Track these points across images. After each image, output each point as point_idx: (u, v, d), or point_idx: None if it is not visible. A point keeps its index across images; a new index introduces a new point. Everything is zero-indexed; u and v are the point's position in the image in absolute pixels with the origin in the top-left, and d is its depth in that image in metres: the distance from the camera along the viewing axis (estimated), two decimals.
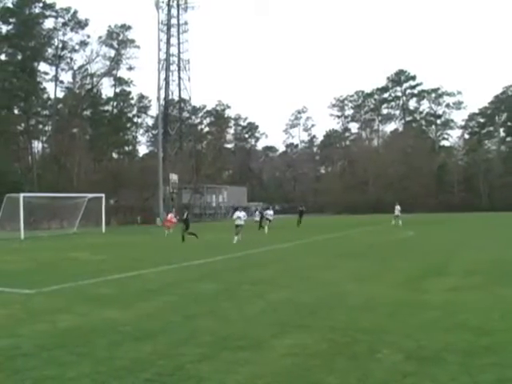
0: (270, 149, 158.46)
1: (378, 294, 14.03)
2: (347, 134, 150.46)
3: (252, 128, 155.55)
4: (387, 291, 14.35)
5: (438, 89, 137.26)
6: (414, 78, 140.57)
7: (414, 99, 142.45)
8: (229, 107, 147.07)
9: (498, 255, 23.08)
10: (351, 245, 31.36)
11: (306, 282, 16.45)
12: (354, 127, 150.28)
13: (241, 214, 33.95)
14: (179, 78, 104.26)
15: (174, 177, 73.25)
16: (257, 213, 55.91)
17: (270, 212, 49.26)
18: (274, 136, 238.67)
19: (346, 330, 10.15)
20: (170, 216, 46.72)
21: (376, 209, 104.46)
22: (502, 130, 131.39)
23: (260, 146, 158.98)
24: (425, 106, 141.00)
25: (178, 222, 44.63)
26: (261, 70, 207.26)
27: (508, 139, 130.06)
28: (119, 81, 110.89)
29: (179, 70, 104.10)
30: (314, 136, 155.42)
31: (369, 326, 10.47)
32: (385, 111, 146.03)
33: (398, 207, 55.01)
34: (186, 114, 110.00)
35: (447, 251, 25.62)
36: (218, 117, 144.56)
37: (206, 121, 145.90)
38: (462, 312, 11.60)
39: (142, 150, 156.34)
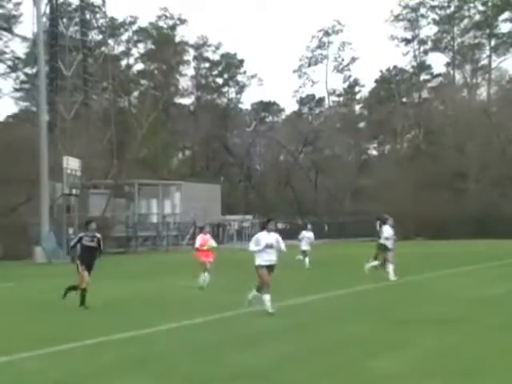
0: (267, 107, 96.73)
1: None
2: (425, 77, 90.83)
3: (231, 65, 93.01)
4: None
5: None
6: None
7: None
8: (183, 22, 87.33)
9: None
10: (435, 299, 16.74)
11: (335, 376, 8.37)
12: (438, 62, 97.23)
13: (272, 238, 14.57)
14: None
15: (72, 163, 42.51)
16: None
17: (309, 234, 30.95)
18: (274, 84, 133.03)
19: None
20: (204, 237, 21.48)
21: (483, 228, 62.41)
22: None
23: (248, 101, 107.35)
24: None
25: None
26: None
27: None
28: None
29: None
30: (357, 82, 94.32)
31: None
32: (505, 27, 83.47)
33: None
34: (95, 35, 68.04)
35: None
36: (162, 42, 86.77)
37: (138, 49, 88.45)
38: None
39: (4, 106, 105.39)
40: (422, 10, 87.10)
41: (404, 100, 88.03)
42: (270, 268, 14.23)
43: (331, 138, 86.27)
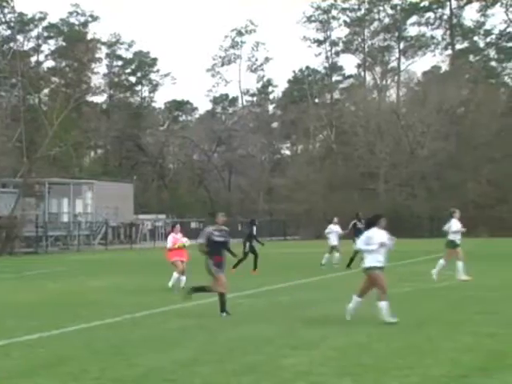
0: (181, 106, 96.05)
1: None
2: (336, 78, 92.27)
3: (144, 63, 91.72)
4: None
5: None
6: None
7: (475, 5, 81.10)
8: (95, 19, 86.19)
9: None
10: (345, 300, 13.54)
11: (249, 374, 8.26)
12: (349, 63, 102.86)
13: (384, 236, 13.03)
14: None
15: None
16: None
17: (337, 228, 28.58)
18: (188, 83, 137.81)
19: None
20: (175, 236, 19.85)
21: (392, 227, 65.30)
22: None
23: (161, 100, 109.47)
24: (496, 18, 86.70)
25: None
26: None
27: None
28: None
29: None
30: (270, 82, 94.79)
31: None
32: (413, 31, 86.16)
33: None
34: (3, 31, 68.42)
35: None
36: (74, 39, 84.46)
37: (48, 46, 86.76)
38: None
39: None
40: (334, 12, 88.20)
41: (316, 100, 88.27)
42: (382, 270, 12.86)
43: (244, 138, 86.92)
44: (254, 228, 27.36)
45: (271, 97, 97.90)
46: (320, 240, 64.52)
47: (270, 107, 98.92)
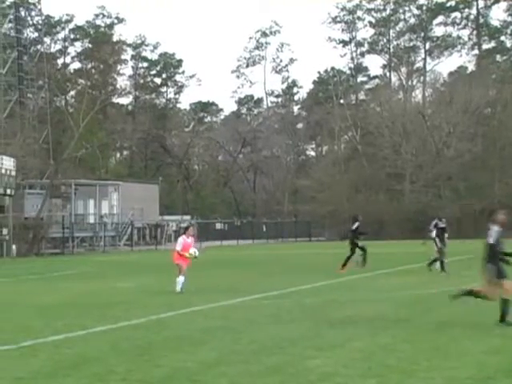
0: (206, 107, 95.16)
1: None
2: (362, 79, 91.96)
3: (169, 65, 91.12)
4: None
5: None
6: None
7: (502, 4, 79.81)
8: (120, 21, 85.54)
9: None
10: (370, 301, 16.33)
11: (275, 375, 8.22)
12: (375, 64, 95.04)
13: None
14: None
15: (6, 162, 42.07)
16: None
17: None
18: (213, 84, 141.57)
19: None
20: (186, 241, 19.08)
21: (418, 228, 58.06)
22: None
23: (186, 101, 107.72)
24: None
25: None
26: None
27: None
28: None
29: None
30: (295, 83, 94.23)
31: None
32: (439, 31, 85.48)
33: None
34: (30, 33, 65.85)
35: None
36: (100, 40, 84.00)
37: (75, 48, 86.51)
38: None
39: None
40: (359, 13, 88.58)
41: (341, 101, 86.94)
42: None
43: (269, 139, 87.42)
44: (357, 224, 27.21)
45: (296, 98, 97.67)
46: (345, 241, 64.62)
47: (295, 108, 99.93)
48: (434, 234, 25.37)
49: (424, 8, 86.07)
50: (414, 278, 22.43)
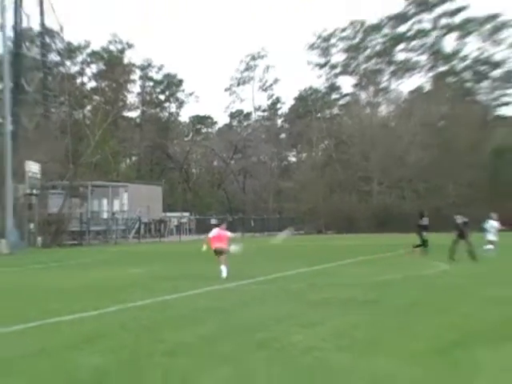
0: (202, 120, 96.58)
1: (386, 372, 6.91)
2: (335, 96, 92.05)
3: (172, 84, 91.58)
4: (403, 368, 7.05)
5: (497, 16, 74.49)
6: None
7: (453, 35, 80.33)
8: (130, 46, 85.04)
9: None
10: (344, 285, 16.06)
11: (263, 349, 8.22)
12: (347, 83, 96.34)
13: None
14: None
15: (33, 167, 42.69)
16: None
17: (496, 224, 25.91)
18: (209, 100, 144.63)
19: None
20: (219, 232, 18.46)
21: (383, 223, 63.75)
22: None
23: (186, 115, 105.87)
24: (472, 46, 78.44)
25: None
26: None
27: None
28: None
29: None
30: (279, 99, 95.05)
31: None
32: (401, 56, 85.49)
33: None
34: (53, 57, 63.66)
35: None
36: (113, 63, 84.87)
37: (91, 69, 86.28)
38: None
39: None
40: (333, 40, 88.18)
41: (318, 115, 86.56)
42: None
43: (257, 147, 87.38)
44: (424, 219, 26.91)
45: (280, 112, 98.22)
46: (320, 234, 65.20)
47: (279, 121, 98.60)
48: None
49: (388, 37, 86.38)
50: (382, 266, 22.47)
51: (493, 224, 25.55)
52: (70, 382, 6.98)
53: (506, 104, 76.56)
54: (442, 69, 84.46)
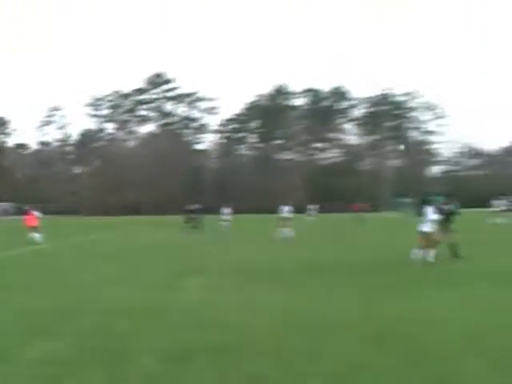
0: (21, 146, 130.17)
1: (131, 296, 12.18)
2: (103, 134, 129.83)
3: (1, 123, 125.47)
4: (141, 294, 12.48)
5: (195, 93, 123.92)
6: (171, 81, 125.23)
7: (171, 102, 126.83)
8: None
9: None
10: (106, 248, 25.76)
11: (58, 285, 13.88)
12: (110, 127, 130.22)
13: None
14: None
15: None
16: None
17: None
18: (27, 132, 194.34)
19: (100, 334, 8.78)
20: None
21: (135, 209, 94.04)
22: (254, 135, 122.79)
23: (11, 142, 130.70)
24: (181, 109, 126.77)
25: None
26: (12, 57, 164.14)
27: (259, 145, 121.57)
28: None
29: None
30: (70, 135, 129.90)
31: (122, 329, 9.11)
32: (142, 112, 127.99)
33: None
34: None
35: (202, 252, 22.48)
36: None
37: None
38: (212, 309, 10.60)
39: None
40: (103, 102, 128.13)
41: (94, 145, 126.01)
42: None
43: (55, 163, 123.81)
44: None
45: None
46: None
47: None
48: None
49: (134, 100, 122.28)
50: None
51: None
52: None
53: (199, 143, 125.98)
54: (165, 121, 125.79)
